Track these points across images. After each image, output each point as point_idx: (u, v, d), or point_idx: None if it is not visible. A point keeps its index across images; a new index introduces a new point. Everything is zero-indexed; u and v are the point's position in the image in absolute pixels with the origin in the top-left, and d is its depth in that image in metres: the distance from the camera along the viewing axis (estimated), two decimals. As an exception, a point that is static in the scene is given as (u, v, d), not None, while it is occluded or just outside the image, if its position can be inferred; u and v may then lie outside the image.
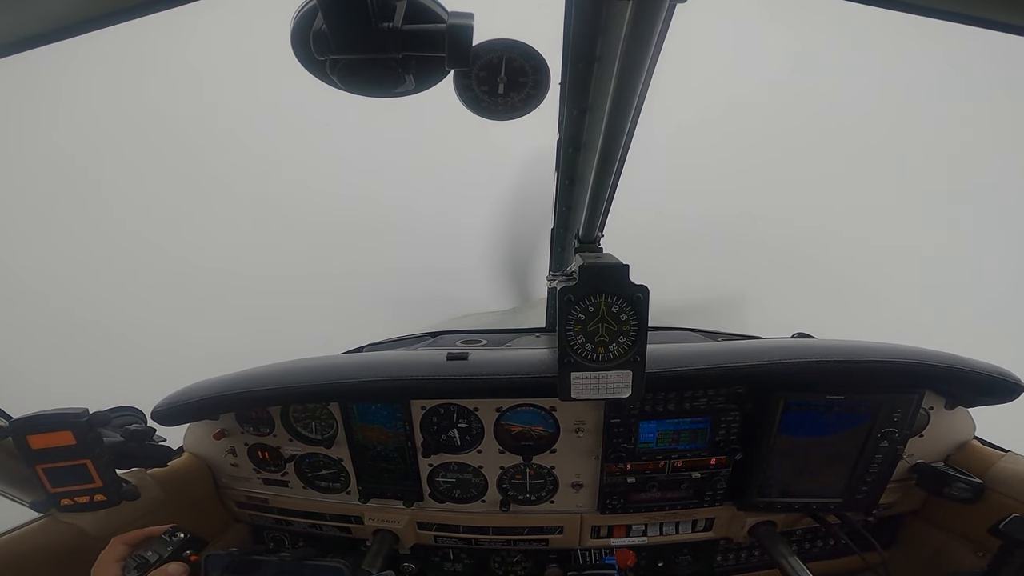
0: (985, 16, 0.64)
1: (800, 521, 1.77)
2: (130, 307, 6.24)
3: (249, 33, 3.94)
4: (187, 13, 0.79)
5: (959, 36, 0.71)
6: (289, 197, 6.29)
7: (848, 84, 7.03)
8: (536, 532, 1.77)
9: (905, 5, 0.68)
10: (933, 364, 1.46)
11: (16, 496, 1.42)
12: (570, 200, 1.62)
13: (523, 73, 0.82)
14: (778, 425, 1.52)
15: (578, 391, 1.21)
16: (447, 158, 5.52)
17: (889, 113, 6.65)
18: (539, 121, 1.00)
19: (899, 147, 7.20)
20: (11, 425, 1.26)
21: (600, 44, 0.99)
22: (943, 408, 1.66)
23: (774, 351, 1.47)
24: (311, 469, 1.77)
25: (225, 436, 1.74)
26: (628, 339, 1.16)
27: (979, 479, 1.59)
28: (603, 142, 0.96)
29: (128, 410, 1.63)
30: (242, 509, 1.90)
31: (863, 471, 1.57)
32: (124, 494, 1.40)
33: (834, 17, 5.55)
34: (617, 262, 1.14)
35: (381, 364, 1.51)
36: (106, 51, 4.66)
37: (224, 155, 8.59)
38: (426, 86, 0.77)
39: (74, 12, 0.73)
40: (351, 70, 0.67)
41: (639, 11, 0.65)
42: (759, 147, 6.66)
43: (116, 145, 5.19)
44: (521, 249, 5.26)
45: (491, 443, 1.64)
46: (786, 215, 6.44)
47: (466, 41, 0.66)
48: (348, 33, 0.62)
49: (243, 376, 1.59)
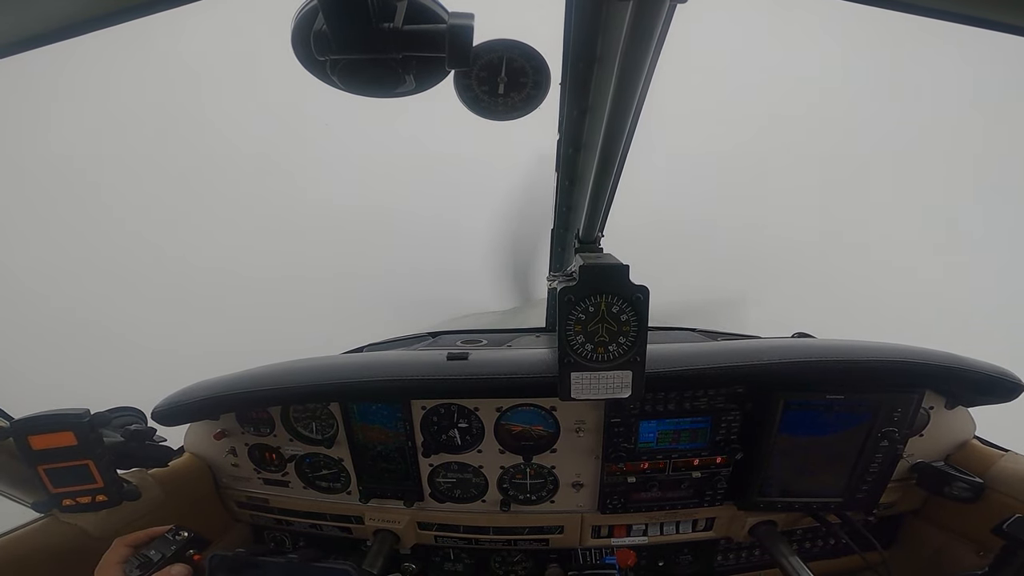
0: (986, 16, 0.64)
1: (800, 521, 1.77)
2: (129, 307, 6.22)
3: (249, 33, 3.93)
4: (187, 13, 0.79)
5: (961, 37, 0.71)
6: (289, 198, 6.27)
7: (850, 85, 6.98)
8: (536, 532, 1.77)
9: (906, 5, 0.68)
10: (933, 364, 1.46)
11: (18, 496, 1.42)
12: (570, 200, 1.63)
13: (523, 73, 0.82)
14: (778, 425, 1.52)
15: (578, 391, 1.21)
16: (448, 159, 5.49)
17: (892, 113, 6.61)
18: (539, 121, 1.00)
19: (898, 148, 7.18)
20: (12, 426, 1.26)
21: (600, 44, 1.00)
22: (943, 408, 1.66)
23: (774, 351, 1.47)
24: (311, 469, 1.78)
25: (225, 436, 1.74)
26: (628, 339, 1.16)
27: (979, 478, 1.59)
28: (603, 142, 0.96)
29: (129, 410, 1.63)
30: (242, 509, 1.90)
31: (863, 471, 1.57)
32: (125, 494, 1.40)
33: (836, 18, 5.52)
34: (617, 262, 1.14)
35: (381, 364, 1.52)
36: (105, 51, 4.65)
37: (223, 155, 8.55)
38: (426, 86, 0.77)
39: (74, 12, 0.73)
40: (351, 70, 0.67)
41: (639, 11, 0.65)
42: (758, 147, 6.61)
43: (114, 146, 5.16)
44: (522, 249, 5.26)
45: (491, 443, 1.64)
46: (785, 216, 6.42)
47: (466, 41, 0.66)
48: (349, 33, 0.62)
49: (243, 376, 1.59)
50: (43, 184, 6.24)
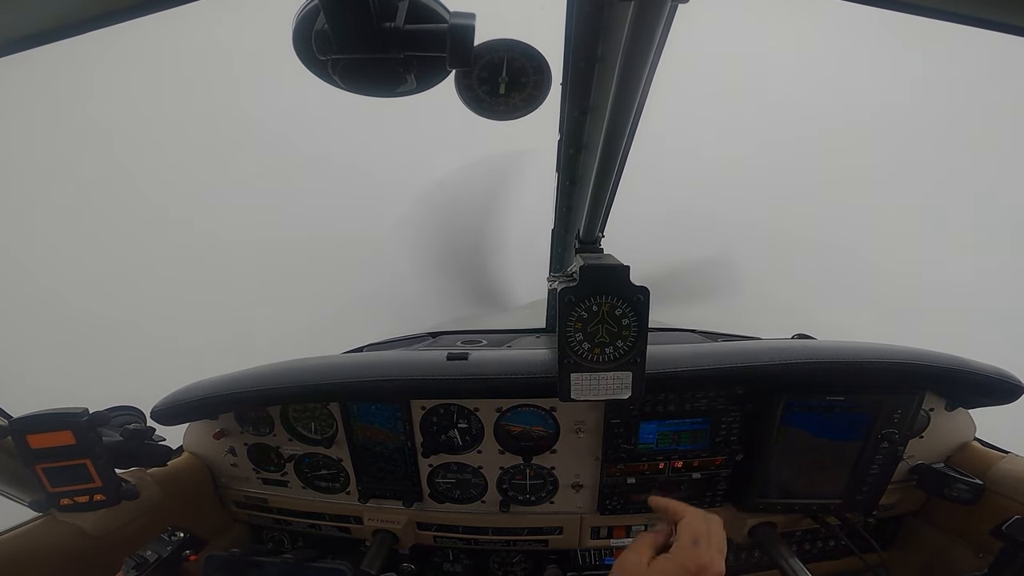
0: (986, 17, 0.64)
1: (800, 522, 1.77)
2: (130, 308, 6.23)
3: (248, 33, 3.93)
4: (187, 13, 0.79)
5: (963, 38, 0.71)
6: (288, 198, 6.23)
7: (852, 84, 6.98)
8: (536, 533, 1.77)
9: (906, 5, 0.68)
10: (933, 365, 1.46)
11: (15, 496, 1.42)
12: (571, 201, 1.62)
13: (525, 73, 0.82)
14: (778, 426, 1.52)
15: (578, 392, 1.21)
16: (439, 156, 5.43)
17: (897, 113, 6.58)
18: (540, 122, 1.00)
19: (898, 148, 7.20)
20: (11, 424, 1.26)
21: (602, 44, 0.99)
22: (943, 409, 1.66)
23: (774, 352, 1.47)
24: (311, 469, 1.77)
25: (224, 436, 1.74)
26: (628, 340, 1.16)
27: (979, 480, 1.59)
28: (604, 143, 0.96)
29: (127, 409, 1.63)
30: (241, 509, 1.90)
31: (863, 472, 1.57)
32: (123, 494, 1.40)
33: (839, 19, 5.52)
34: (618, 263, 1.14)
35: (381, 364, 1.51)
36: (102, 52, 4.62)
37: (225, 157, 8.48)
38: (427, 86, 0.77)
39: (75, 12, 0.73)
40: (353, 70, 0.67)
41: (641, 11, 0.65)
42: (760, 147, 6.64)
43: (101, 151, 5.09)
44: (470, 262, 5.05)
45: (491, 443, 1.64)
46: (785, 214, 6.41)
47: (468, 41, 0.66)
48: (350, 33, 0.62)
49: (242, 376, 1.59)
50: (40, 185, 6.16)
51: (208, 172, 6.17)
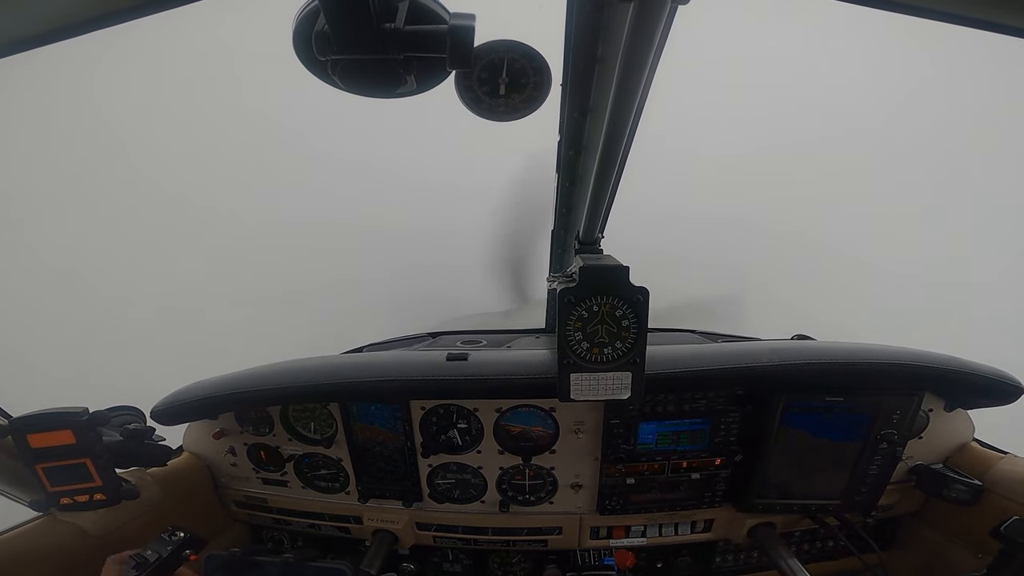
0: (986, 17, 0.64)
1: (799, 522, 1.77)
2: (130, 307, 6.22)
3: (248, 33, 3.93)
4: (187, 13, 0.79)
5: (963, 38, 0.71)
6: (286, 197, 6.23)
7: (852, 84, 6.96)
8: (535, 533, 1.77)
9: (906, 7, 0.68)
10: (933, 366, 1.47)
11: (15, 495, 1.42)
12: (570, 201, 1.63)
13: (524, 74, 0.82)
14: (777, 427, 1.52)
15: (577, 392, 1.21)
16: (447, 158, 5.43)
17: (897, 113, 6.56)
18: (540, 123, 1.00)
19: (898, 148, 7.19)
20: (11, 424, 1.26)
21: (601, 46, 1.00)
22: (942, 410, 1.67)
23: (773, 353, 1.47)
24: (310, 469, 1.77)
25: (224, 436, 1.74)
26: (628, 341, 1.16)
27: (978, 481, 1.59)
28: (604, 144, 0.96)
29: (127, 409, 1.63)
30: (241, 509, 1.90)
31: (862, 473, 1.57)
32: (123, 493, 1.40)
33: (839, 20, 5.53)
34: (617, 263, 1.14)
35: (381, 364, 1.51)
36: (101, 53, 4.61)
37: (224, 155, 8.50)
38: (427, 87, 0.77)
39: (74, 12, 0.73)
40: (353, 70, 0.67)
41: (640, 13, 0.65)
42: (760, 148, 6.63)
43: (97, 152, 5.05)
44: (518, 247, 5.20)
45: (491, 444, 1.64)
46: (785, 215, 6.41)
47: (468, 42, 0.66)
48: (350, 33, 0.62)
49: (242, 376, 1.59)
50: (40, 185, 6.14)
51: (207, 172, 6.17)
